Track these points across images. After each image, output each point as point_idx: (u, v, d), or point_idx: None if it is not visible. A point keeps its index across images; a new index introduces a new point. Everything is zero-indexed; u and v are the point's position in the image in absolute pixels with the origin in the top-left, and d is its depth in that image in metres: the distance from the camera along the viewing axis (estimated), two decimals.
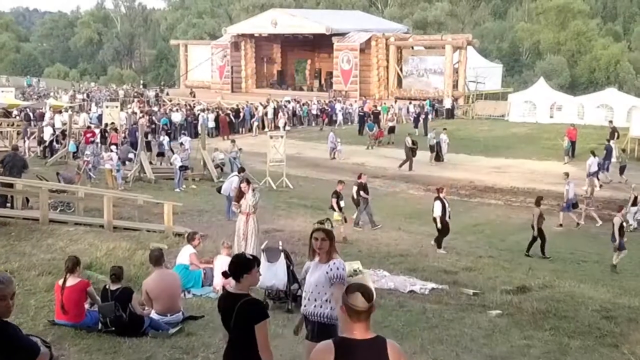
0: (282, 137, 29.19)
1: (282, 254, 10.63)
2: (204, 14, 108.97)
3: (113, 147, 26.87)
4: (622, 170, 30.71)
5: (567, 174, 25.32)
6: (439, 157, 34.84)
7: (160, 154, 30.54)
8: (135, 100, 53.60)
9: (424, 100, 51.83)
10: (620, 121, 46.70)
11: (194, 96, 57.64)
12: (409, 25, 76.98)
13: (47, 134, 32.24)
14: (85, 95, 57.57)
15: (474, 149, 37.46)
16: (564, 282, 16.18)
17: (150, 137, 31.78)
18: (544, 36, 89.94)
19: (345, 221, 20.08)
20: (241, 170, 21.72)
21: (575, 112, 48.21)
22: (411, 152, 33.04)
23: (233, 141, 30.74)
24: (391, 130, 39.31)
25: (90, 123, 38.20)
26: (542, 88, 50.45)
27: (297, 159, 35.78)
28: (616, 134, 33.51)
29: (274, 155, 28.82)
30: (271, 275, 10.47)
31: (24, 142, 32.47)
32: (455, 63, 52.66)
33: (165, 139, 30.82)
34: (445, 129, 36.78)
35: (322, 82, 61.09)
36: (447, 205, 19.78)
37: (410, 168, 32.89)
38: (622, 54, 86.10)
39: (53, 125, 34.35)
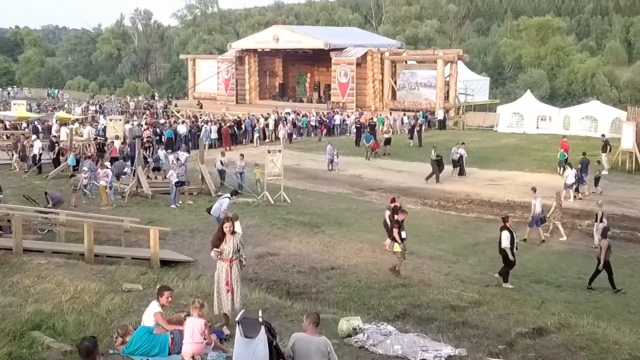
0: (279, 151, 25.92)
1: (263, 327, 7.39)
2: (213, 30, 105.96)
3: (108, 163, 23.55)
4: (596, 181, 27.66)
5: (534, 189, 21.96)
6: (462, 172, 31.25)
7: (156, 169, 27.14)
8: (147, 112, 50.28)
9: (417, 111, 48.71)
10: (604, 132, 43.78)
11: (201, 107, 54.55)
12: (402, 41, 73.71)
13: (36, 148, 28.88)
14: (97, 107, 54.26)
15: (467, 161, 34.22)
16: (582, 320, 13.09)
17: (150, 151, 28.28)
18: (526, 51, 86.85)
19: (404, 256, 16.66)
20: (234, 193, 18.50)
21: (561, 124, 45.13)
22: (437, 164, 29.67)
23: (242, 155, 27.34)
24: (387, 141, 36.08)
25: (98, 136, 35.02)
26: (529, 100, 47.24)
27: (295, 170, 32.59)
28: (609, 147, 30.26)
29: (271, 170, 25.59)
30: (248, 353, 7.28)
31: (12, 156, 29.42)
32: (446, 76, 49.46)
33: (162, 153, 27.45)
34: (463, 143, 32.55)
35: (321, 94, 57.97)
36: (515, 235, 16.80)
37: (437, 180, 29.53)
38: (598, 67, 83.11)
39: (57, 138, 31.12)
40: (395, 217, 17.31)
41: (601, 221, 19.92)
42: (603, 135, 31.53)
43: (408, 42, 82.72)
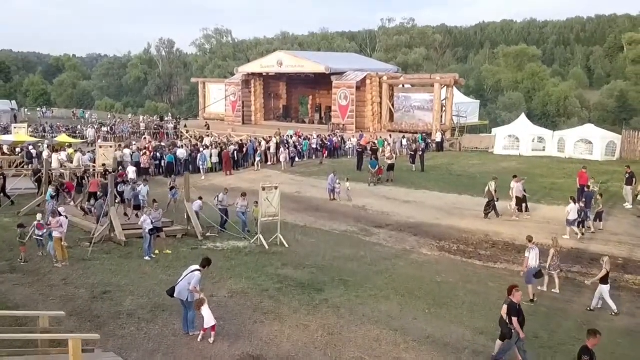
0: (275, 188, 18.48)
1: None
2: (227, 57, 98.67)
3: (62, 210, 16.13)
4: (598, 217, 20.56)
5: (530, 238, 15.00)
6: (525, 208, 22.25)
7: (137, 207, 19.66)
8: (146, 134, 42.68)
9: (415, 133, 41.47)
10: (599, 155, 36.52)
11: (208, 128, 47.25)
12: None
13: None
14: (109, 128, 46.76)
15: (474, 189, 26.84)
16: None
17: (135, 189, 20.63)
18: (505, 76, 79.79)
19: None
20: (205, 262, 11.05)
21: (556, 146, 37.82)
22: (494, 196, 21.96)
23: (244, 195, 19.62)
24: (390, 167, 28.69)
25: (92, 163, 27.62)
26: (525, 123, 39.91)
27: (296, 199, 25.28)
28: (634, 180, 22.90)
29: (267, 209, 18.21)
30: None
31: None
32: (442, 100, 42.11)
33: (144, 189, 20.06)
34: (515, 176, 23.22)
35: (322, 115, 50.62)
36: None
37: (498, 214, 21.91)
38: (570, 90, 75.90)
39: (42, 166, 23.70)
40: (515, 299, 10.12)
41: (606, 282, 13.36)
42: (628, 167, 23.90)
43: (399, 68, 75.46)
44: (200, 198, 20.54)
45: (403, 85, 45.21)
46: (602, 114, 73.87)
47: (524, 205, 22.20)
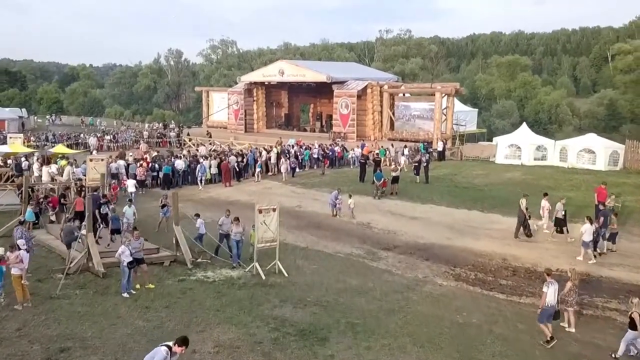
0: (273, 210, 15.34)
1: None
2: (232, 67, 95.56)
3: (21, 243, 13.00)
4: (612, 238, 17.51)
5: (549, 271, 11.96)
6: (563, 230, 18.73)
7: (116, 231, 16.28)
8: (140, 142, 39.46)
9: (415, 141, 38.41)
10: (602, 164, 33.43)
11: (210, 136, 44.10)
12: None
13: None
14: (112, 136, 43.54)
15: (482, 203, 23.80)
16: None
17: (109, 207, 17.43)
18: (498, 85, 76.70)
19: None
20: (182, 341, 7.77)
21: (558, 156, 34.70)
22: (525, 215, 18.78)
23: (237, 220, 15.83)
24: (395, 180, 25.55)
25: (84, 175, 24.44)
26: (526, 132, 36.72)
27: (296, 215, 22.18)
28: None
29: (263, 234, 15.09)
30: None
31: None
32: (443, 109, 38.98)
33: (129, 210, 16.91)
34: (564, 198, 19.75)
35: (323, 123, 47.48)
36: None
37: (530, 234, 18.86)
38: (561, 99, 72.83)
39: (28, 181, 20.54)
40: None
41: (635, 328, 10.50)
42: None
43: (398, 77, 72.35)
44: (197, 215, 17.48)
45: (404, 94, 42.03)
46: (592, 121, 70.81)
47: (564, 228, 18.80)
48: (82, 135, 42.62)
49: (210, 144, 41.41)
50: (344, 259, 16.89)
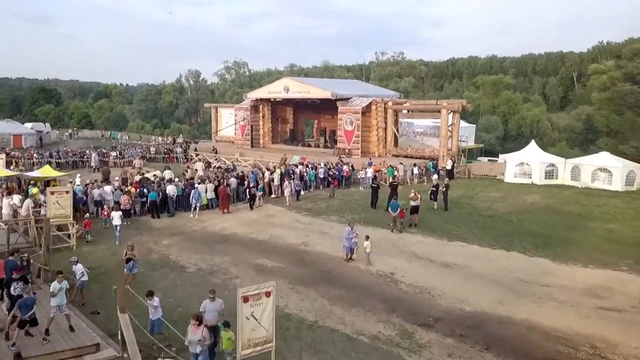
0: (267, 295, 8.38)
1: None
2: (244, 85, 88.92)
3: None
4: None
5: None
6: None
7: (32, 322, 8.45)
8: (136, 157, 32.18)
9: (420, 158, 31.40)
10: (619, 185, 26.47)
11: (216, 152, 37.07)
12: None
13: None
14: (118, 152, 36.39)
15: (520, 240, 16.78)
16: None
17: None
18: (483, 101, 69.51)
19: None
20: None
21: (569, 175, 27.70)
22: None
23: (212, 292, 9.21)
24: (414, 210, 18.49)
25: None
26: (535, 150, 29.71)
27: (301, 257, 15.14)
28: None
29: (251, 333, 8.01)
30: None
31: None
32: (449, 125, 31.90)
33: (57, 286, 9.86)
34: None
35: (327, 138, 40.47)
36: None
37: None
38: (542, 114, 66.02)
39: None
40: None
41: None
42: None
43: (401, 94, 65.73)
44: (151, 293, 10.40)
45: (409, 111, 34.91)
46: (571, 134, 64.03)
47: None
48: (87, 151, 35.31)
49: (216, 159, 34.39)
50: (369, 348, 9.84)
